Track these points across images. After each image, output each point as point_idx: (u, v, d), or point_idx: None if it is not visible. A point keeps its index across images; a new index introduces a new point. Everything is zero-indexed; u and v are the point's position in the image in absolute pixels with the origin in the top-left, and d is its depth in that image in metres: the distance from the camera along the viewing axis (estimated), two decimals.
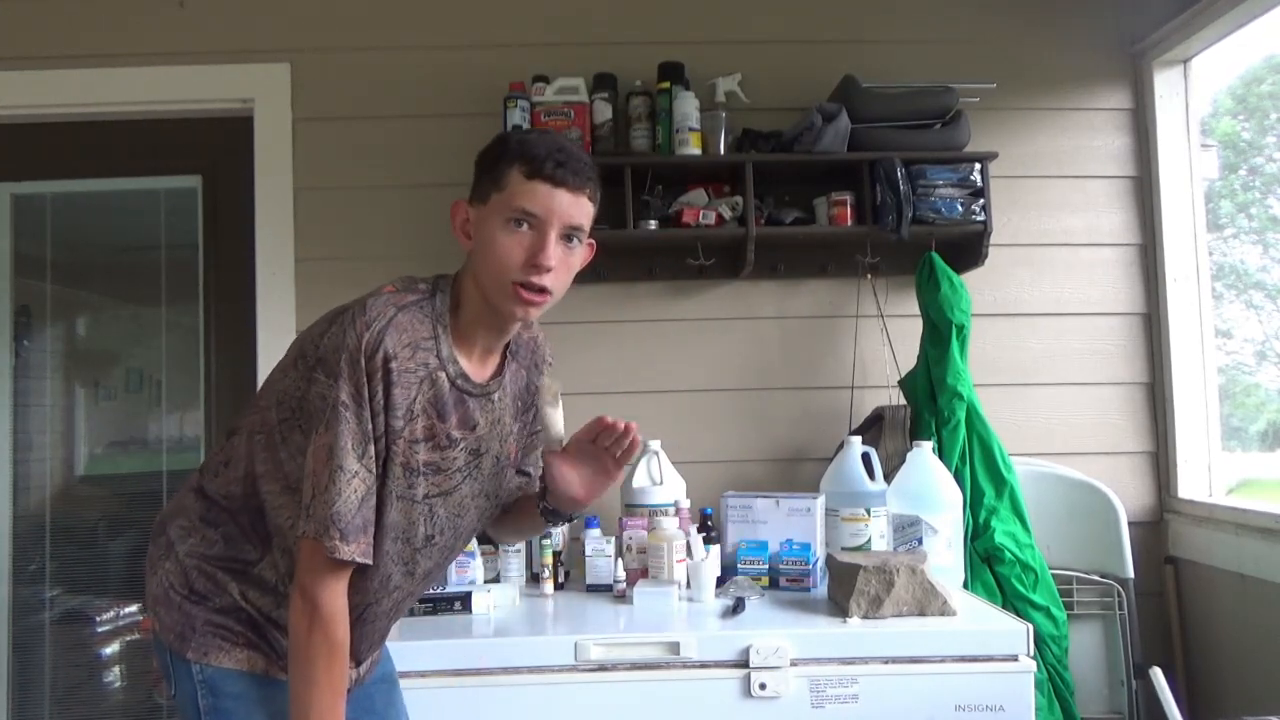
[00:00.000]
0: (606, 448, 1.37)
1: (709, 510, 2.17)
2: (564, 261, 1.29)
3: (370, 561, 1.26)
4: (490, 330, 1.34)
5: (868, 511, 2.07)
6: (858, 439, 2.16)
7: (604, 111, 2.40)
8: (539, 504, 1.45)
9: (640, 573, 2.02)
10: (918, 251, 2.40)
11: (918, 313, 2.41)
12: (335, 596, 1.26)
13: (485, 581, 2.04)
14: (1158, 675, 1.91)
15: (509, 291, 1.26)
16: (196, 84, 2.53)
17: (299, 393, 1.27)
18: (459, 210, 1.33)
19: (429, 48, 2.55)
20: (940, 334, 2.34)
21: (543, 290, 1.27)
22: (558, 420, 1.67)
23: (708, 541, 2.07)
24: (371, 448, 1.24)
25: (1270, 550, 2.16)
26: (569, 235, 1.29)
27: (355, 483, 1.23)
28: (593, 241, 1.37)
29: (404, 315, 1.26)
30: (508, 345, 1.40)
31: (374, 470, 1.25)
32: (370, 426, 1.23)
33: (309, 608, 1.24)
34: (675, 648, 1.67)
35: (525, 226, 1.26)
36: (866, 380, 2.54)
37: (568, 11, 2.58)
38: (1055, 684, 2.23)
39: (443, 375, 1.29)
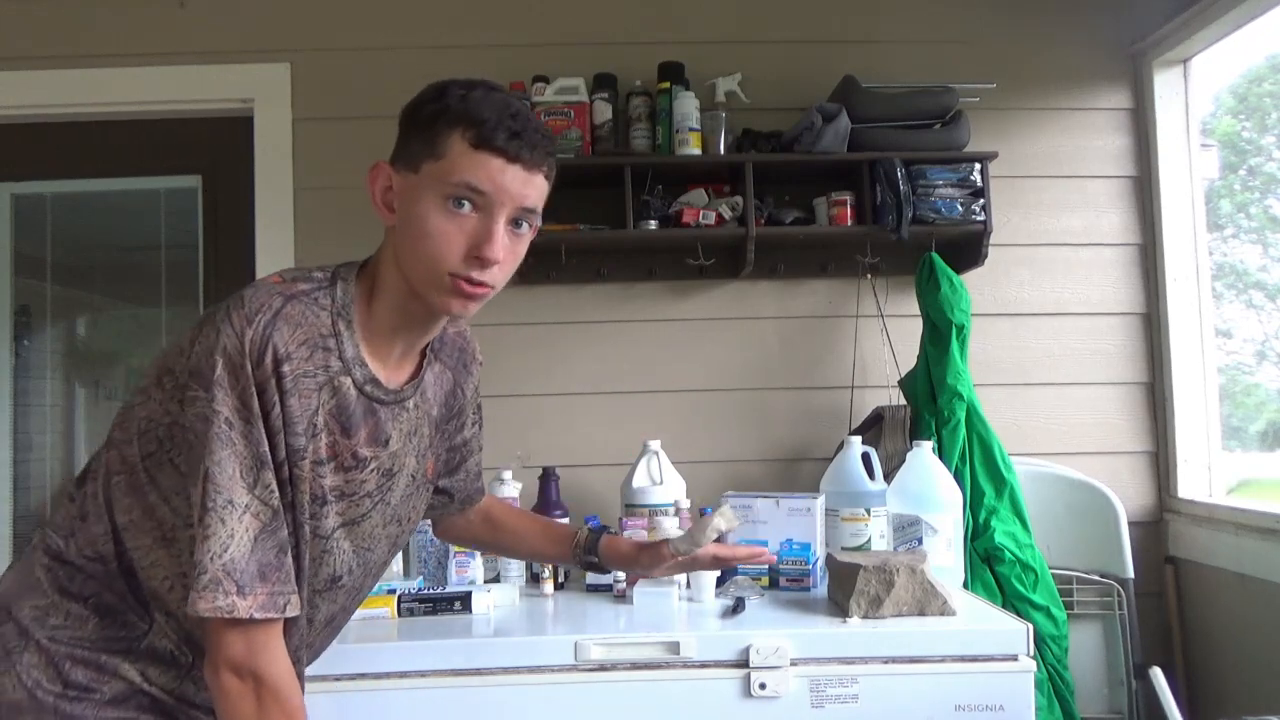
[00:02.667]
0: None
1: (709, 510, 2.16)
2: (511, 250, 1.06)
3: (280, 611, 1.01)
4: (413, 327, 1.11)
5: (868, 511, 2.07)
6: (858, 439, 2.16)
7: (604, 111, 2.40)
8: (582, 556, 1.42)
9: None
10: (918, 251, 2.40)
11: (918, 313, 2.41)
12: (276, 659, 1.02)
13: (485, 581, 2.04)
14: (1158, 675, 1.91)
15: (445, 284, 1.04)
16: (196, 84, 2.53)
17: (166, 419, 1.03)
18: (379, 175, 1.08)
19: (429, 48, 2.55)
20: (940, 334, 2.34)
21: (484, 284, 1.05)
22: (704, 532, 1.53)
23: None
24: (268, 474, 1.00)
25: (1270, 550, 2.16)
26: (519, 219, 1.06)
27: (247, 519, 0.98)
28: (539, 224, 1.11)
29: (294, 307, 1.03)
30: (428, 343, 1.18)
31: (272, 502, 1.01)
32: (264, 448, 0.99)
33: (249, 686, 0.99)
34: (675, 648, 1.67)
35: (468, 207, 1.02)
36: (866, 380, 2.54)
37: (568, 11, 2.58)
38: (1055, 684, 2.23)
39: (347, 380, 1.06)
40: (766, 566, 1.97)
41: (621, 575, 1.99)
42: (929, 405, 2.35)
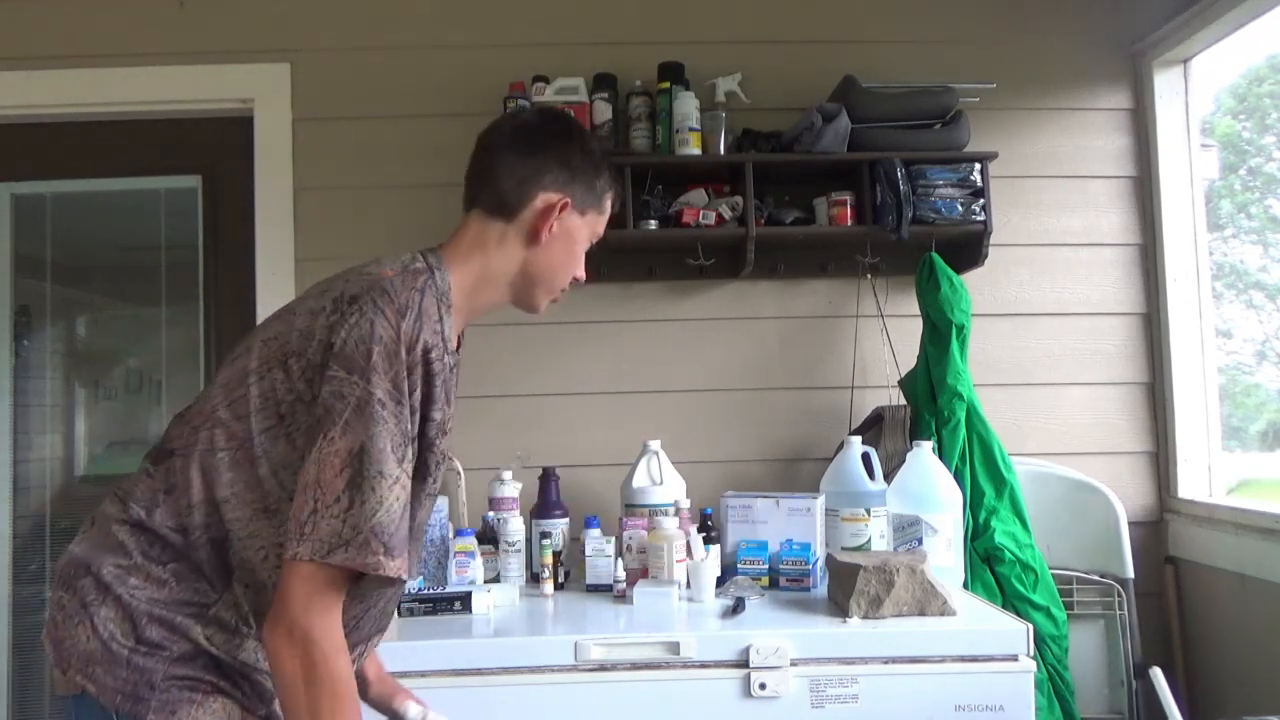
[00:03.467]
0: None
1: (709, 510, 2.17)
2: None
3: (412, 576, 1.14)
4: (488, 309, 1.31)
5: (868, 511, 2.07)
6: (858, 439, 2.16)
7: (604, 111, 2.40)
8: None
9: (640, 573, 2.02)
10: (918, 251, 2.40)
11: (918, 313, 2.41)
12: (332, 629, 1.10)
13: (485, 581, 2.04)
14: (1158, 675, 1.90)
15: (555, 294, 1.32)
16: (196, 84, 2.53)
17: (290, 397, 1.13)
18: (560, 207, 1.26)
19: (429, 48, 2.55)
20: (940, 334, 2.34)
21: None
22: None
23: (708, 541, 2.07)
24: (409, 450, 1.12)
25: (1270, 550, 2.16)
26: None
27: (397, 490, 1.10)
28: None
29: (428, 300, 1.16)
30: None
31: (410, 478, 1.13)
32: (409, 428, 1.12)
33: (301, 648, 1.07)
34: (675, 648, 1.67)
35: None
36: (866, 380, 2.54)
37: (568, 11, 2.58)
38: (1055, 684, 2.23)
39: (450, 359, 1.21)
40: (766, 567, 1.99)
41: (621, 575, 1.99)
42: (929, 405, 2.35)
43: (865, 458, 2.13)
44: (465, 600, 1.87)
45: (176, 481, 1.16)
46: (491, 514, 2.21)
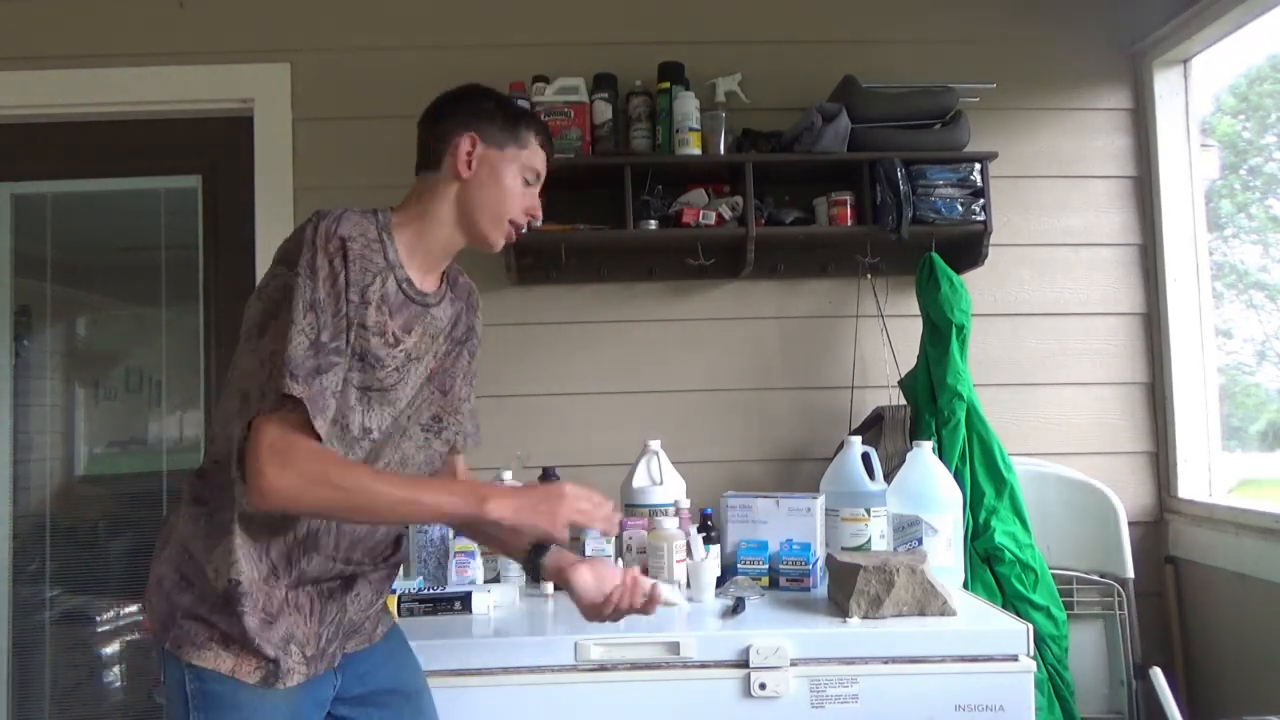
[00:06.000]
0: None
1: (709, 510, 2.16)
2: None
3: (318, 413, 1.24)
4: (444, 251, 1.46)
5: (868, 511, 2.07)
6: (858, 439, 2.16)
7: (604, 111, 2.40)
8: (530, 558, 1.54)
9: (640, 572, 2.01)
10: (918, 251, 2.40)
11: (918, 313, 2.41)
12: (298, 442, 1.24)
13: (485, 581, 2.04)
14: (1158, 675, 1.90)
15: (503, 227, 1.46)
16: (196, 84, 2.53)
17: (261, 315, 1.31)
18: (467, 141, 1.43)
19: (429, 48, 2.55)
20: (940, 334, 2.34)
21: (520, 232, 1.50)
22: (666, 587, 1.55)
23: (708, 541, 2.07)
24: (321, 317, 1.27)
25: (1270, 550, 2.16)
26: None
27: (299, 337, 1.25)
28: None
29: (352, 215, 1.35)
30: (444, 277, 1.50)
31: (314, 336, 1.26)
32: (320, 296, 1.27)
33: (276, 467, 1.21)
34: (675, 648, 1.67)
35: (528, 184, 1.47)
36: (866, 380, 2.54)
37: (568, 11, 2.58)
38: (1055, 684, 2.23)
39: (390, 275, 1.36)
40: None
41: None
42: (929, 405, 2.35)
43: (865, 458, 2.13)
44: (465, 600, 1.87)
45: (216, 431, 1.38)
46: None
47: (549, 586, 2.05)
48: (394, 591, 1.86)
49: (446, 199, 1.45)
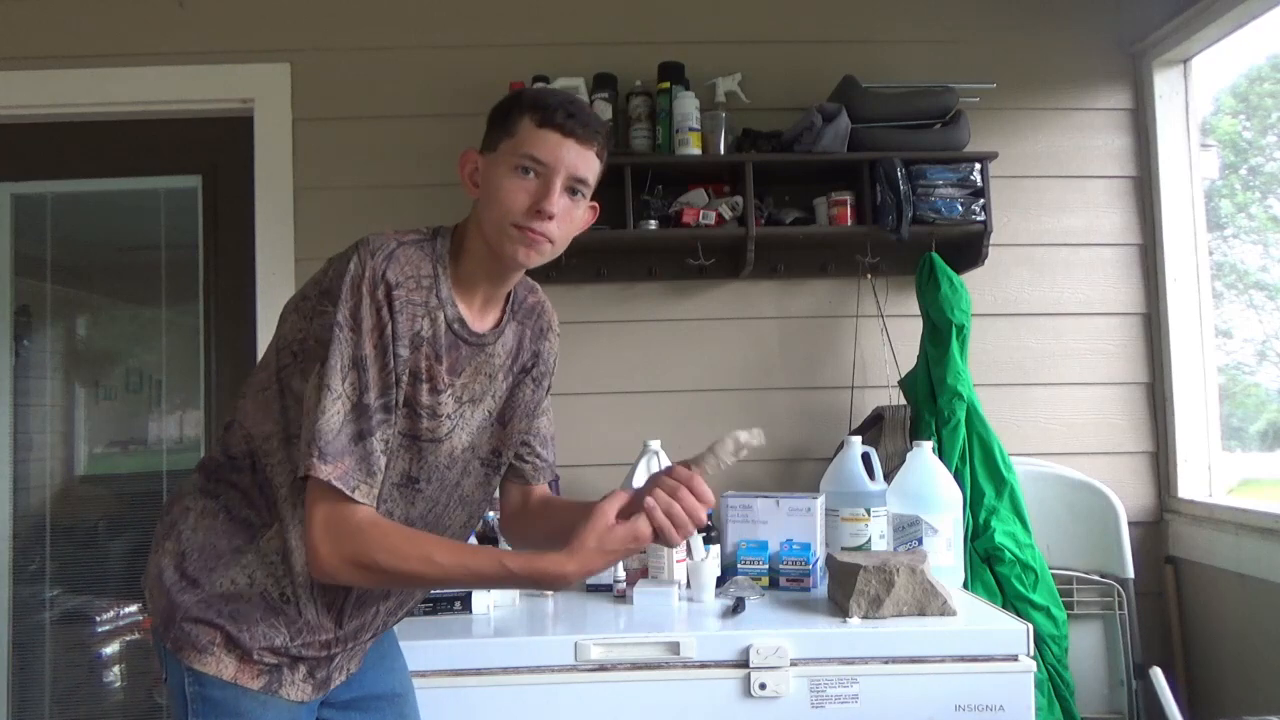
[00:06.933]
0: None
1: (709, 510, 2.16)
2: (567, 212, 1.27)
3: (350, 490, 1.18)
4: (492, 278, 1.32)
5: (868, 511, 2.07)
6: (858, 439, 2.16)
7: (604, 111, 2.40)
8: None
9: (640, 573, 2.02)
10: (918, 251, 2.40)
11: (918, 313, 2.41)
12: (337, 543, 1.18)
13: None
14: (1158, 675, 1.90)
15: (511, 234, 1.25)
16: (196, 84, 2.53)
17: (300, 334, 1.25)
18: (468, 159, 1.32)
19: (429, 48, 2.55)
20: (940, 334, 2.34)
21: (542, 234, 1.25)
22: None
23: (708, 541, 2.07)
24: (364, 376, 1.20)
25: (1270, 550, 2.16)
26: (573, 188, 1.27)
27: (339, 404, 1.18)
28: (596, 205, 1.36)
29: (405, 250, 1.25)
30: (509, 301, 1.38)
31: (358, 398, 1.19)
32: (364, 353, 1.20)
33: (329, 546, 1.18)
34: (675, 648, 1.67)
35: (532, 175, 1.24)
36: (866, 380, 2.54)
37: (568, 11, 2.58)
38: (1055, 684, 2.23)
39: (441, 315, 1.27)
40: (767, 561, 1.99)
41: (621, 574, 1.99)
42: (929, 405, 2.35)
43: (865, 458, 2.13)
44: (465, 600, 1.87)
45: (236, 417, 1.32)
46: (492, 514, 2.20)
47: None
48: None
49: (473, 224, 1.32)
